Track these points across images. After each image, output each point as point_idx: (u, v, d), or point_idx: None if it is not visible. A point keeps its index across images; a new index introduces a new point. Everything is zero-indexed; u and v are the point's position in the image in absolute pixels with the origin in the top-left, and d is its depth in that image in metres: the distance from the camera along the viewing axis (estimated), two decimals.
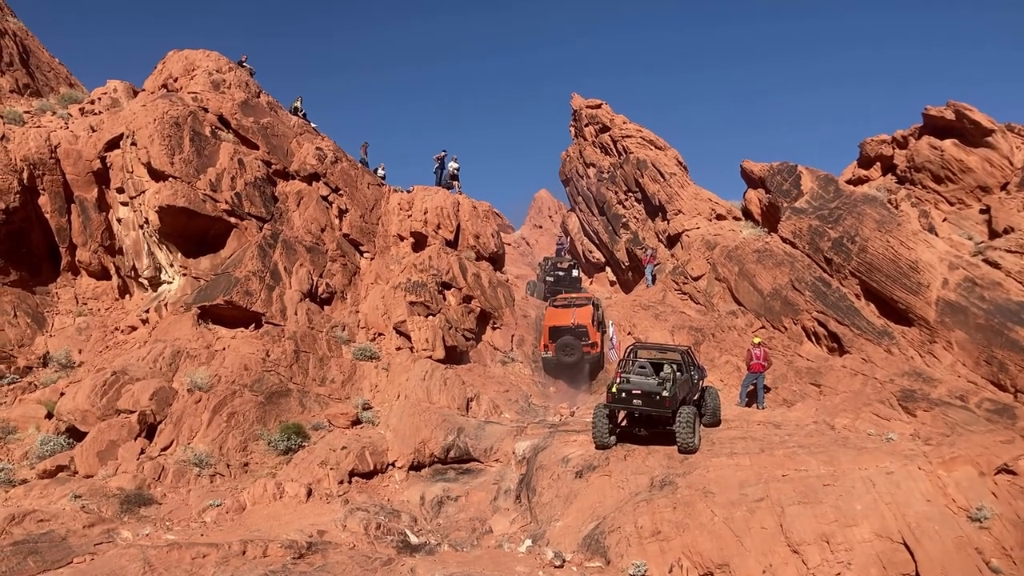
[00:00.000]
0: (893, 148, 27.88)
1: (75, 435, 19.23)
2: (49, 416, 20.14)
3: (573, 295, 31.63)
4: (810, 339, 24.11)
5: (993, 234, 23.61)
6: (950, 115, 25.43)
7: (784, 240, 27.04)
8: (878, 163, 28.50)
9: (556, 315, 28.09)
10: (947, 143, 25.48)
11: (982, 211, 24.49)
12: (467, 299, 28.15)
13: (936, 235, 23.80)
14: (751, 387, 21.86)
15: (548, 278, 38.02)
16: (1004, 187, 24.62)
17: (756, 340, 22.26)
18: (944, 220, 24.73)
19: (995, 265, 21.81)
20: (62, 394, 20.72)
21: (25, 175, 25.70)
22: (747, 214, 31.28)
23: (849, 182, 28.58)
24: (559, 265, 39.75)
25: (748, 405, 21.83)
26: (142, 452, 18.82)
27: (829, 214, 26.01)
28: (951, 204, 25.25)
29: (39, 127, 27.66)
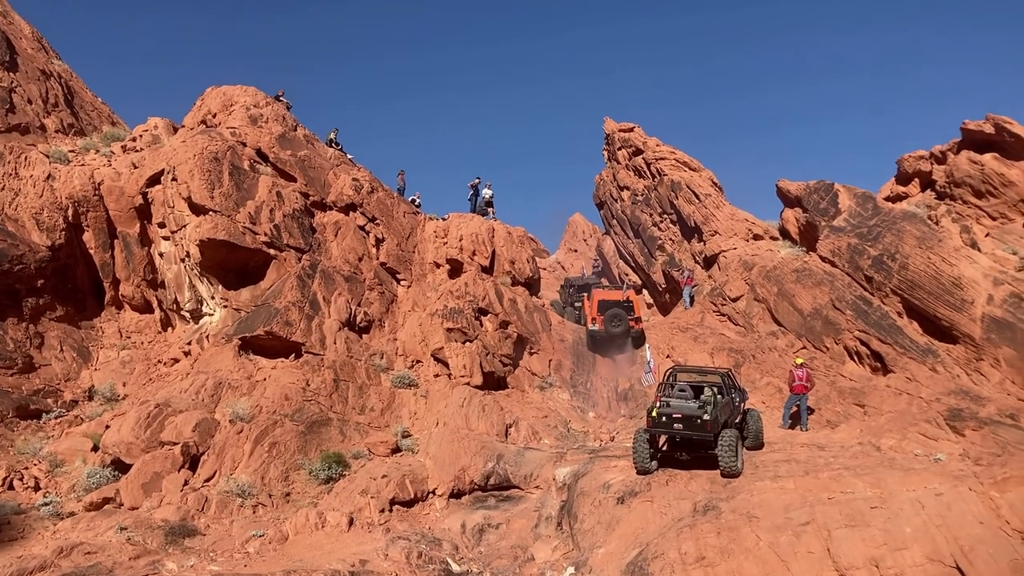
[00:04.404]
0: (931, 164, 27.43)
1: (120, 467, 19.52)
2: (95, 449, 20.47)
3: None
4: (852, 359, 23.75)
5: None
6: (989, 129, 25.01)
7: (823, 259, 26.75)
8: (916, 179, 28.07)
9: (605, 292, 31.27)
10: (987, 157, 25.02)
11: None
12: (504, 325, 28.17)
13: (979, 250, 23.38)
14: (794, 409, 21.57)
15: (576, 303, 35.24)
16: None
17: (798, 361, 21.98)
18: (987, 235, 24.26)
19: None
20: (107, 427, 21.04)
21: (70, 212, 26.33)
22: (784, 233, 30.99)
23: (887, 199, 28.20)
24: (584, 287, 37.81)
25: (791, 427, 21.52)
26: (186, 483, 19.03)
27: (868, 232, 25.69)
28: (993, 219, 24.75)
29: (83, 165, 28.32)
